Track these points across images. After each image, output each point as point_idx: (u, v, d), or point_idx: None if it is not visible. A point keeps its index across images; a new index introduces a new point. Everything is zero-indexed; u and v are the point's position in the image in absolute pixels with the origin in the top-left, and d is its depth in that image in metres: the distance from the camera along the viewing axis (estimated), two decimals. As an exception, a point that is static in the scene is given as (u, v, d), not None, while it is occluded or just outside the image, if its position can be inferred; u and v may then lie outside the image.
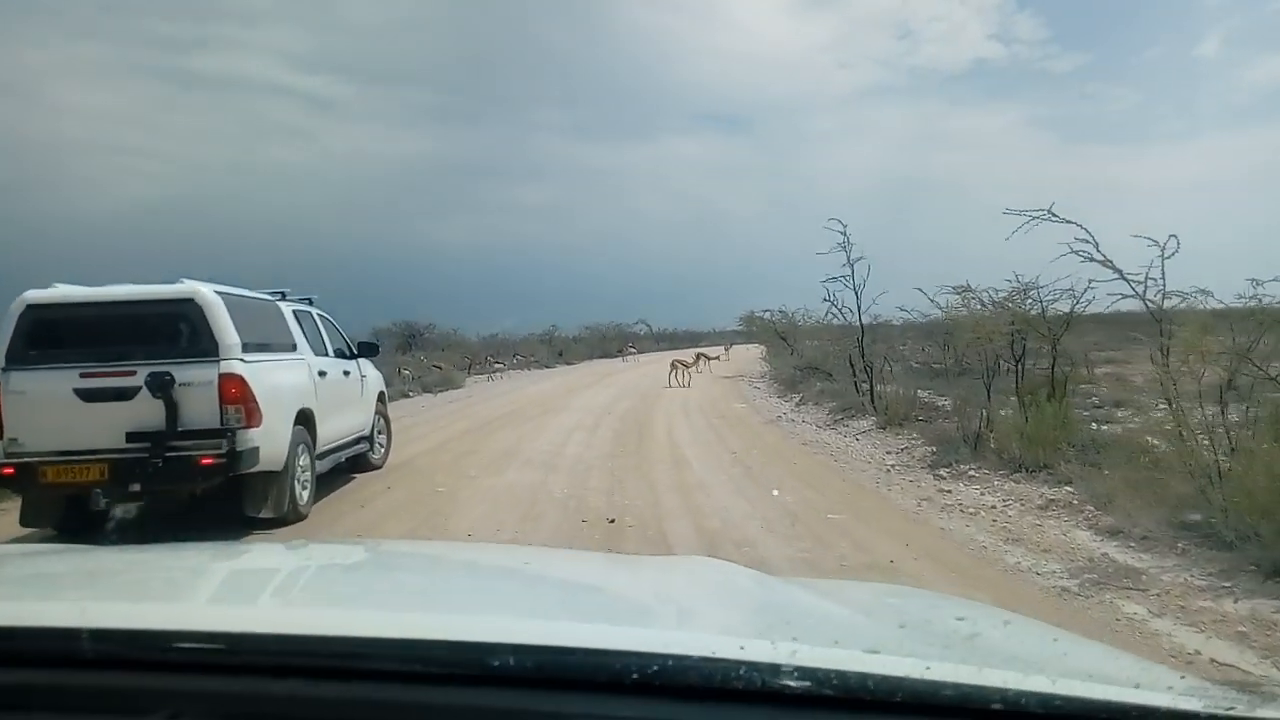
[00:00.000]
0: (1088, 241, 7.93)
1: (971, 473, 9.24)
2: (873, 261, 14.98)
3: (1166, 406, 8.63)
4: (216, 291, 6.18)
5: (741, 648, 0.95)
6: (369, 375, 9.12)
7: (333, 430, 7.87)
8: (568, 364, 40.78)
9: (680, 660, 0.93)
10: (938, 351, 23.87)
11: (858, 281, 14.91)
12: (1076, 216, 7.99)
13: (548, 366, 37.61)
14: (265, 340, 6.73)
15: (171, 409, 5.88)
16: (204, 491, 6.18)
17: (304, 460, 6.97)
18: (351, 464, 8.95)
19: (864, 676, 0.92)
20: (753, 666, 0.92)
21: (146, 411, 5.90)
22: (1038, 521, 7.19)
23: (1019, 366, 11.50)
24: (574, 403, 18.92)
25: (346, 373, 8.44)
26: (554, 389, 24.03)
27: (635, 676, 0.92)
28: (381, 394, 9.64)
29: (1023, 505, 7.79)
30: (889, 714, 0.91)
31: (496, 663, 0.93)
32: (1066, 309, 11.81)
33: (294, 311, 7.74)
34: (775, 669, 0.91)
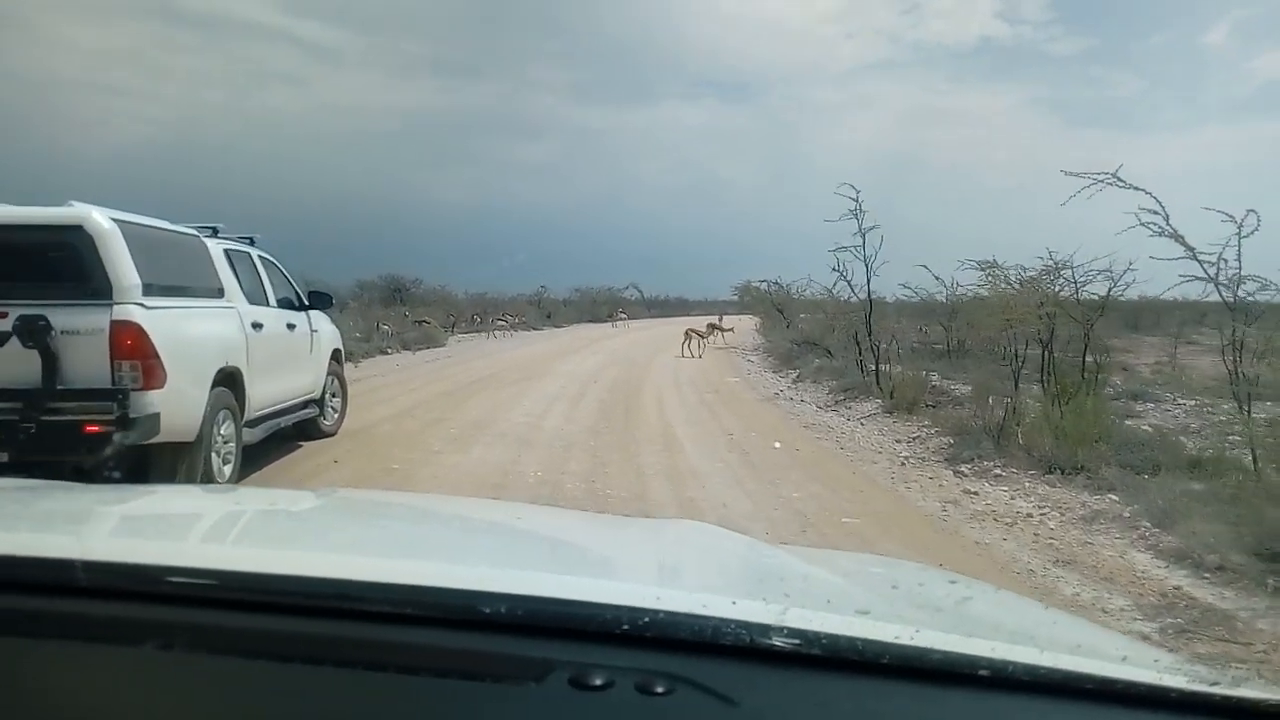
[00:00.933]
0: (1156, 213, 6.84)
1: (997, 471, 8.21)
2: (885, 232, 13.84)
3: (1235, 408, 7.61)
4: (114, 219, 5.00)
5: (734, 604, 0.96)
6: (321, 330, 7.95)
7: (270, 392, 6.75)
8: (556, 327, 39.57)
9: (671, 614, 0.93)
10: (937, 332, 22.94)
11: (868, 253, 13.74)
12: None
13: (535, 329, 36.40)
14: (180, 283, 5.59)
15: (49, 362, 4.76)
16: (96, 464, 5.05)
17: (226, 429, 5.85)
18: (298, 430, 7.84)
19: (852, 639, 0.92)
20: (743, 624, 0.92)
21: (17, 364, 4.78)
22: (1086, 537, 6.17)
23: (1047, 353, 10.45)
24: (559, 367, 17.81)
25: (291, 326, 7.29)
26: (539, 353, 22.89)
27: (625, 627, 0.92)
28: (337, 351, 8.48)
29: (1063, 515, 6.76)
30: (876, 676, 0.91)
31: (488, 609, 0.93)
32: (1097, 292, 10.90)
33: (226, 251, 6.56)
34: (765, 628, 0.91)
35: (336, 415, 8.40)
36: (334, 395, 8.33)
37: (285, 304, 7.44)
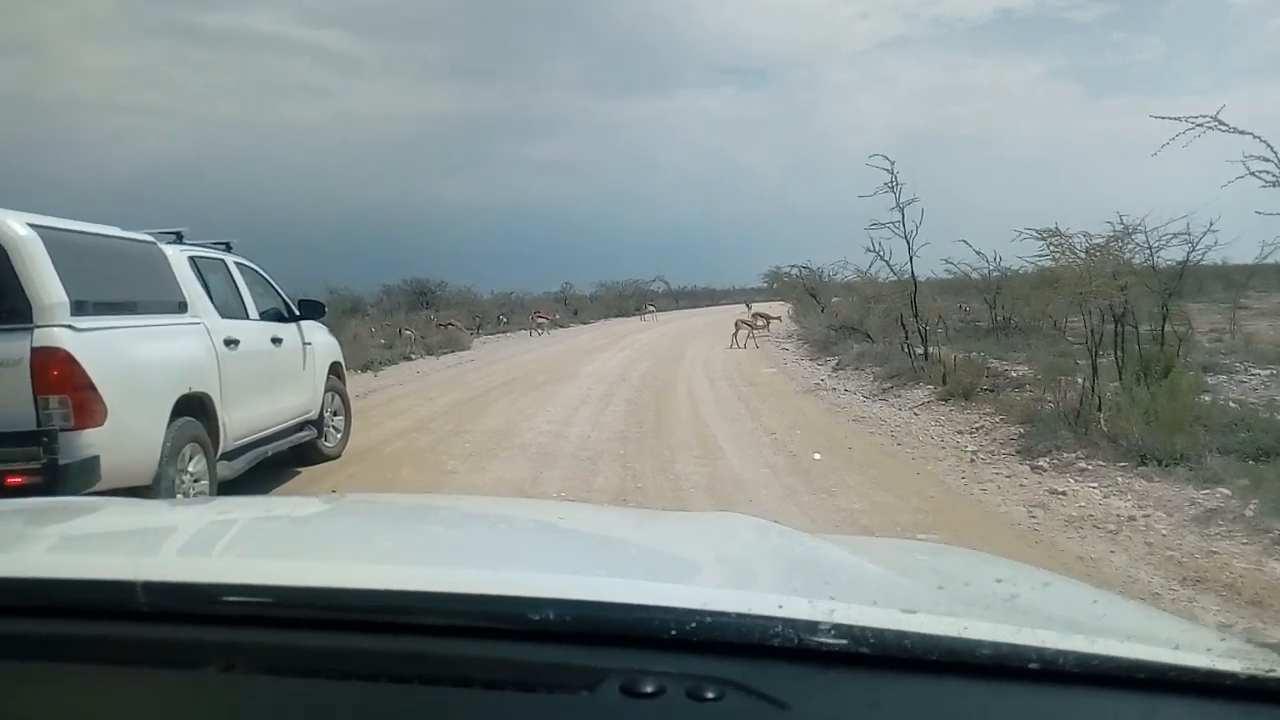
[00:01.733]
0: (1269, 160, 5.83)
1: (1081, 464, 7.23)
2: (926, 206, 12.79)
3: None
4: (32, 224, 4.16)
5: (780, 605, 0.94)
6: (316, 342, 7.14)
7: (252, 418, 5.96)
8: (583, 323, 38.74)
9: (718, 617, 0.92)
10: (977, 310, 21.80)
11: (908, 228, 12.70)
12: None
13: (561, 326, 35.58)
14: (128, 298, 4.78)
15: (-43, 401, 3.98)
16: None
17: (196, 465, 5.04)
18: (296, 455, 7.05)
19: (901, 635, 0.90)
20: (790, 624, 0.90)
21: (-78, 404, 3.99)
22: (1206, 545, 5.20)
23: (1119, 328, 9.39)
24: (585, 368, 16.96)
25: (277, 340, 6.49)
26: (565, 351, 22.06)
27: (673, 632, 0.91)
28: (336, 365, 7.64)
29: (1171, 516, 5.80)
30: (925, 673, 0.89)
31: (536, 616, 0.93)
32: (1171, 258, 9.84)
33: (192, 260, 5.73)
34: (813, 626, 0.90)
35: (339, 435, 7.59)
36: (335, 413, 7.53)
37: (271, 316, 6.64)
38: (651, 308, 45.37)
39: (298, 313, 6.91)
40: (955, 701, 0.89)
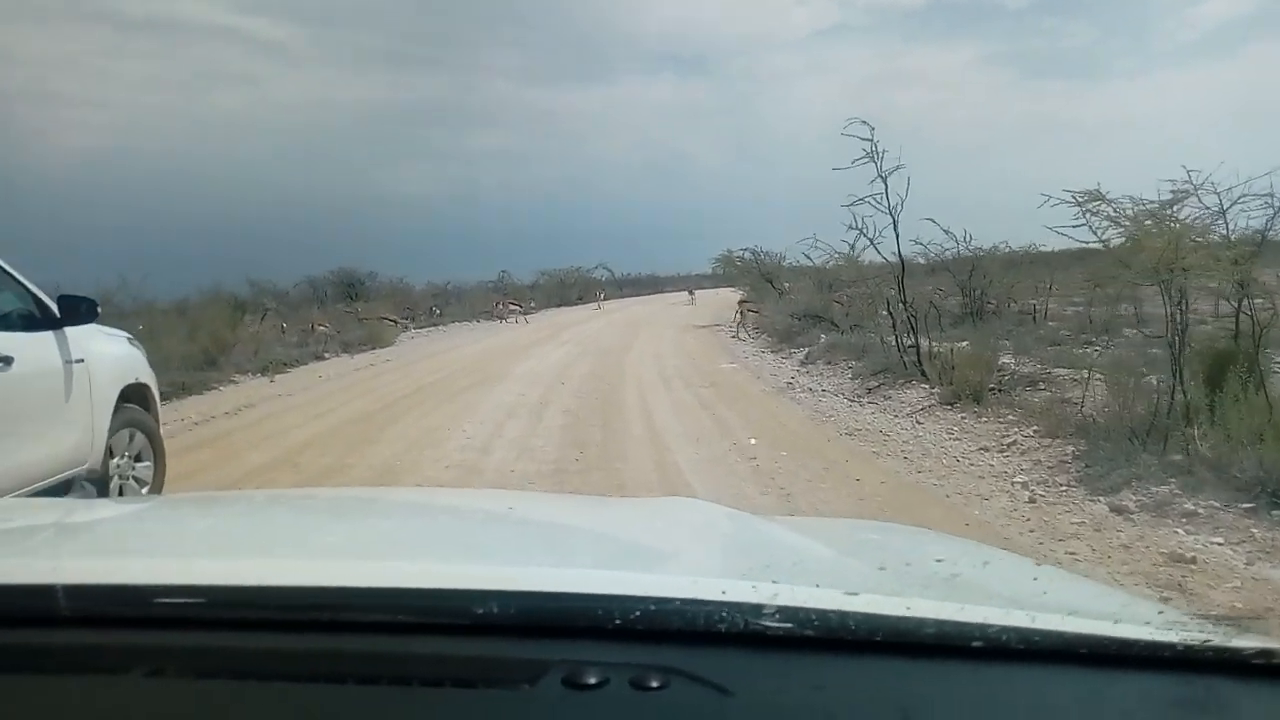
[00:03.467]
0: None
1: (1183, 502, 5.28)
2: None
3: None
4: None
5: (723, 591, 0.93)
6: (96, 358, 4.80)
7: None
8: (523, 314, 36.22)
9: (662, 604, 0.92)
10: (940, 294, 20.04)
11: (892, 201, 10.65)
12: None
13: (499, 318, 33.11)
14: None
15: None
16: None
17: None
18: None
19: (844, 615, 0.90)
20: (735, 608, 0.90)
21: None
22: None
23: (1179, 316, 7.46)
24: (519, 366, 14.70)
25: (6, 360, 4.16)
26: (499, 345, 19.73)
27: (617, 621, 0.90)
28: (138, 389, 5.28)
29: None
30: (870, 654, 0.90)
31: (480, 610, 0.92)
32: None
33: None
34: (757, 610, 0.90)
35: (144, 490, 5.25)
36: (136, 459, 5.20)
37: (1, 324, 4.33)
38: (601, 294, 43.76)
39: (58, 315, 4.58)
40: (900, 681, 0.88)
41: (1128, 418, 6.65)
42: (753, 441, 7.79)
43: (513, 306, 31.17)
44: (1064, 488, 5.90)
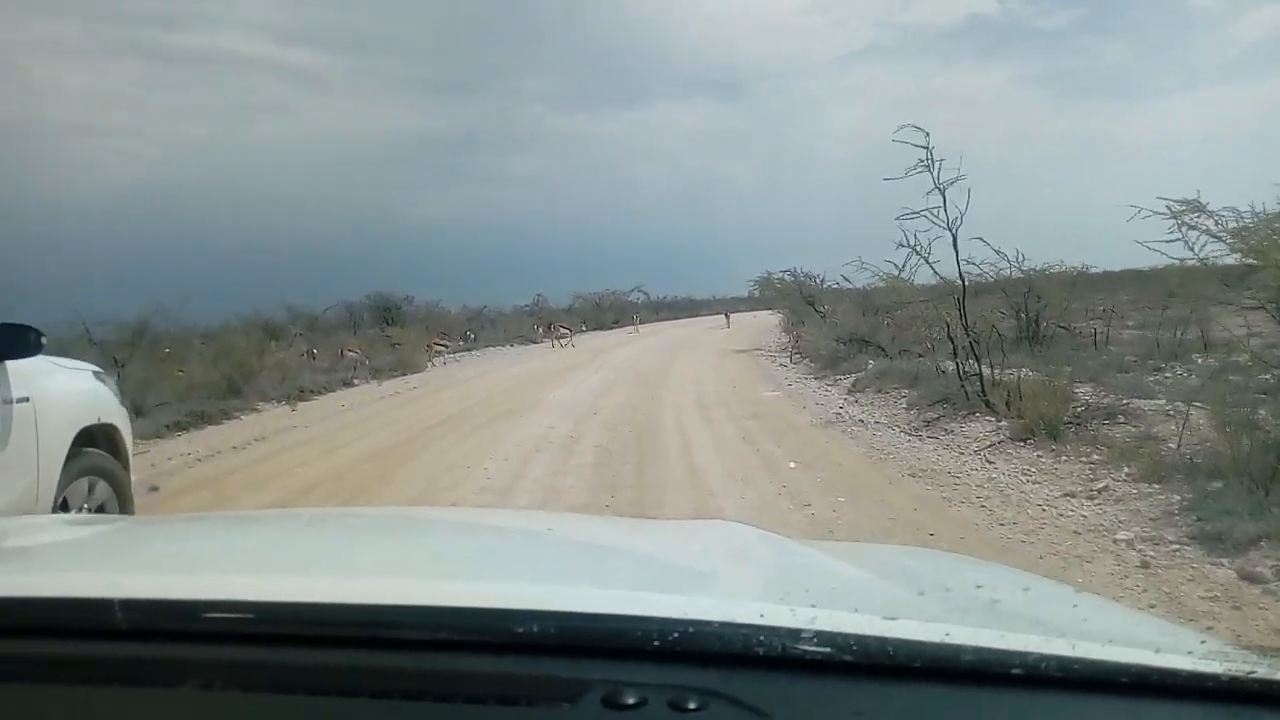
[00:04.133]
0: None
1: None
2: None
3: None
4: None
5: (761, 614, 0.93)
6: (43, 394, 4.06)
7: None
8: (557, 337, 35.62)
9: (700, 626, 0.92)
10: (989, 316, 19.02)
11: (952, 216, 9.79)
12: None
13: (533, 341, 32.53)
14: None
15: None
16: None
17: None
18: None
19: (883, 641, 0.89)
20: (772, 632, 0.90)
21: None
22: None
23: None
24: (551, 395, 13.99)
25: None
26: (530, 372, 19.06)
27: (656, 643, 0.90)
28: (102, 431, 4.56)
29: None
30: (909, 680, 0.88)
31: (520, 629, 0.92)
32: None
33: None
34: (795, 634, 0.89)
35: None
36: (99, 510, 4.50)
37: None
38: (636, 318, 43.22)
39: (-2, 348, 3.91)
40: (940, 707, 0.88)
41: (1241, 459, 5.75)
42: (805, 484, 6.96)
43: (563, 330, 30.89)
44: (1177, 547, 5.01)
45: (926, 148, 9.31)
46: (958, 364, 10.31)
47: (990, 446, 8.30)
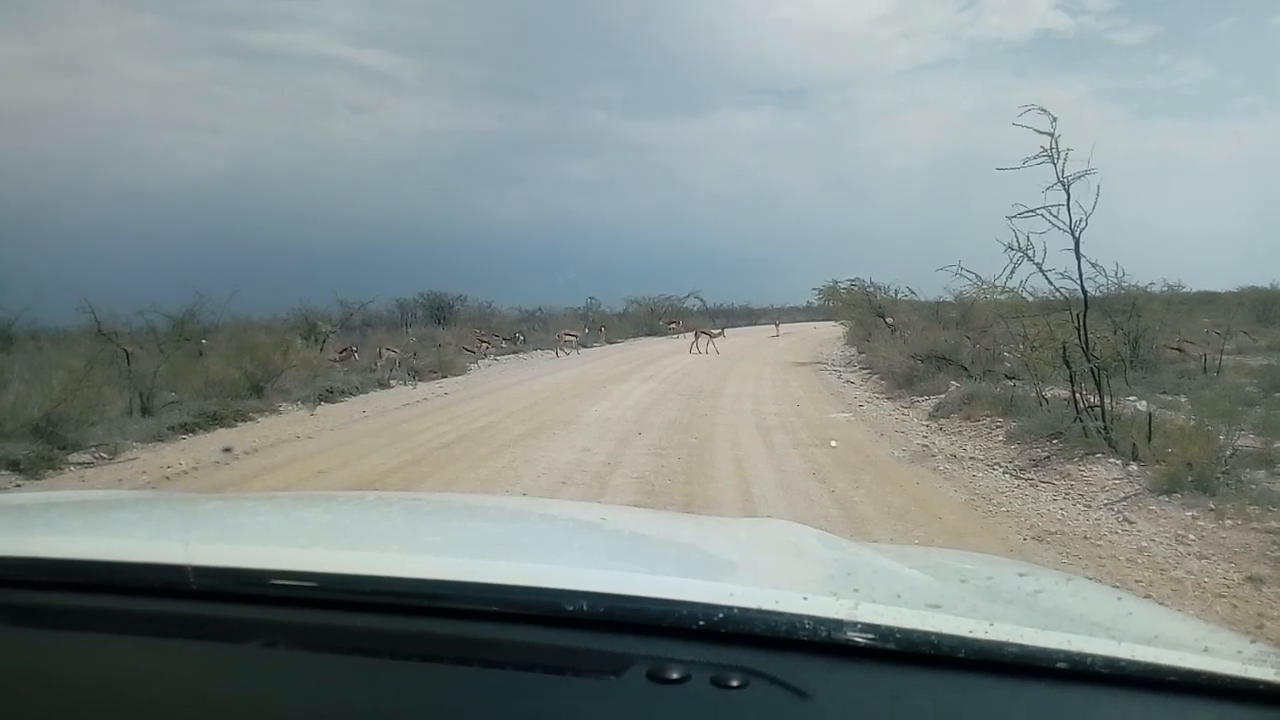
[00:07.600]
0: None
1: None
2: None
3: None
4: None
5: (805, 599, 0.95)
6: None
7: None
8: (609, 342, 34.25)
9: (745, 610, 0.93)
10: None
11: (1074, 218, 8.12)
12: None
13: (584, 346, 31.21)
14: None
15: None
16: None
17: None
18: None
19: (926, 633, 0.90)
20: (817, 619, 0.91)
21: None
22: None
23: None
24: (590, 409, 12.55)
25: None
26: (572, 380, 17.64)
27: (700, 623, 0.92)
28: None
29: None
30: (950, 670, 0.89)
31: (570, 607, 0.95)
32: None
33: None
34: (839, 623, 0.91)
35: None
36: None
37: None
38: (673, 325, 38.65)
39: None
40: (981, 699, 0.88)
41: None
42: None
43: (568, 337, 28.76)
44: None
45: (1052, 134, 7.68)
46: (1074, 392, 8.61)
47: (1124, 500, 6.65)
